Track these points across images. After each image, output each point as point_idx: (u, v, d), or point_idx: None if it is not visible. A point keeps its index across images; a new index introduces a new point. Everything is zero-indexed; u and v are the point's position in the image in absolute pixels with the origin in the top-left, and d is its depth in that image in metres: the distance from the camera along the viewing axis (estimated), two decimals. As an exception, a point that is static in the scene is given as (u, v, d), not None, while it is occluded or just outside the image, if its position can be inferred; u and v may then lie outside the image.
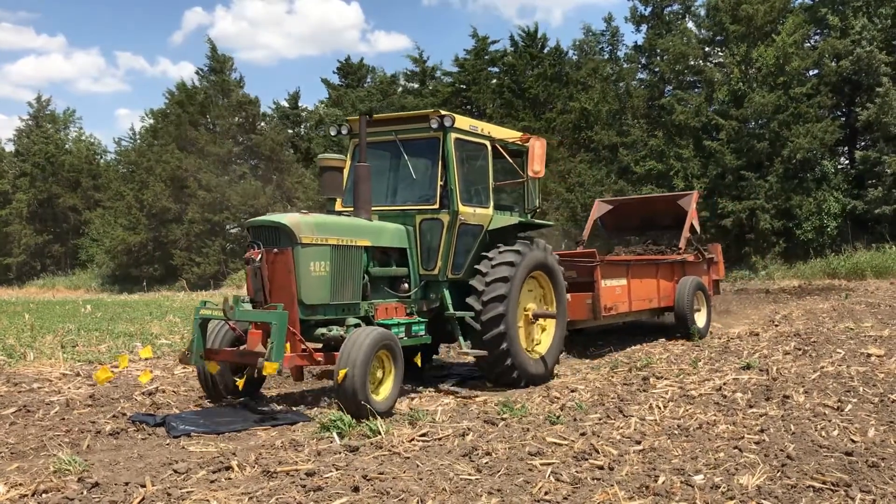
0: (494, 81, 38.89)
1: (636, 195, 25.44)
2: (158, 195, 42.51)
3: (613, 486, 4.58)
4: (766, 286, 24.39)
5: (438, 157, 8.26)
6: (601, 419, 6.51)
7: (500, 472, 4.93)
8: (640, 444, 5.59)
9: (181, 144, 43.52)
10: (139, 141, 51.93)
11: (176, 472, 5.01)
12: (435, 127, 8.18)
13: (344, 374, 6.49)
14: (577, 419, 6.52)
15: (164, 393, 8.10)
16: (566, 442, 5.65)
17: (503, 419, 6.58)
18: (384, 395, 6.96)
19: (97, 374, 6.91)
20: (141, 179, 44.66)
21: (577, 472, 4.90)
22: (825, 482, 4.55)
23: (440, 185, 8.22)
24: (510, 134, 9.35)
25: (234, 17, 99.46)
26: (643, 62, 36.43)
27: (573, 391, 7.98)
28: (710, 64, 33.18)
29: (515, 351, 8.32)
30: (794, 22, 29.77)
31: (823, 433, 5.69)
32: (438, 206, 8.22)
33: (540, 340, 9.09)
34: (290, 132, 46.54)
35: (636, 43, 36.99)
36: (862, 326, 12.25)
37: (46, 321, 17.23)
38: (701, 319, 12.62)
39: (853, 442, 5.46)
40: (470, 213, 8.39)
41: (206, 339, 7.14)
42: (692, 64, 33.01)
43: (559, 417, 6.56)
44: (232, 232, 44.07)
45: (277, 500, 4.39)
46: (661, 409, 6.82)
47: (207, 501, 4.39)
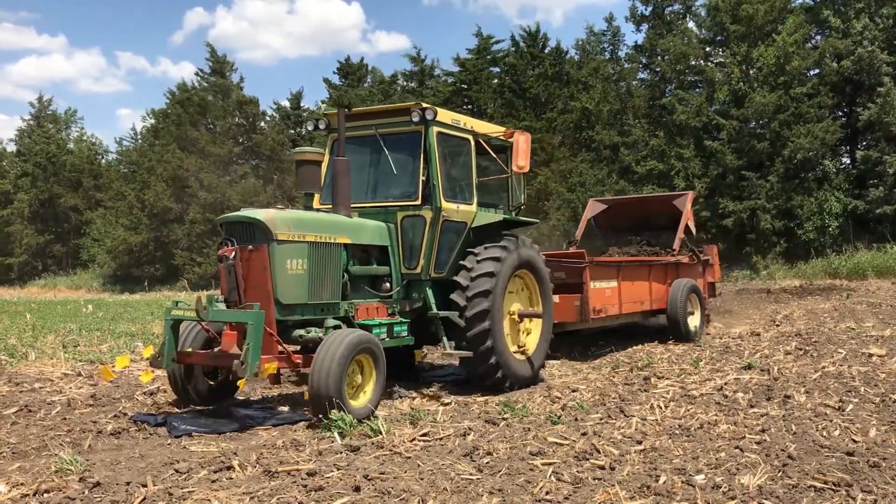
0: (495, 81, 38.91)
1: (631, 195, 25.33)
2: (160, 195, 42.55)
3: (615, 485, 4.58)
4: (767, 286, 24.35)
5: (420, 151, 8.01)
6: (602, 419, 6.51)
7: (501, 471, 4.93)
8: (641, 443, 5.60)
9: (182, 144, 43.57)
10: (140, 141, 52.09)
11: (177, 471, 5.02)
12: (416, 120, 7.91)
13: (308, 393, 6.25)
14: (578, 419, 6.53)
15: (165, 393, 8.09)
16: (567, 442, 5.66)
17: (504, 419, 6.58)
18: (364, 400, 6.67)
19: (104, 368, 6.96)
20: (142, 179, 44.74)
21: (578, 471, 4.90)
22: (826, 482, 4.55)
23: (422, 180, 7.97)
24: (494, 128, 9.09)
25: (234, 17, 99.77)
26: (644, 62, 36.41)
27: (574, 391, 7.98)
28: (710, 64, 33.14)
29: (500, 349, 8.02)
30: (794, 22, 29.73)
31: (825, 433, 5.69)
32: (420, 202, 7.96)
33: (525, 343, 8.77)
34: (292, 132, 46.53)
35: (637, 43, 37.03)
36: (863, 326, 12.23)
37: (48, 321, 17.24)
38: (694, 323, 12.32)
39: (854, 442, 5.46)
40: (453, 209, 8.11)
41: (178, 340, 6.82)
42: (693, 64, 32.97)
43: (560, 417, 6.56)
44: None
45: (279, 499, 4.39)
46: (662, 408, 6.82)
47: (209, 501, 4.40)
